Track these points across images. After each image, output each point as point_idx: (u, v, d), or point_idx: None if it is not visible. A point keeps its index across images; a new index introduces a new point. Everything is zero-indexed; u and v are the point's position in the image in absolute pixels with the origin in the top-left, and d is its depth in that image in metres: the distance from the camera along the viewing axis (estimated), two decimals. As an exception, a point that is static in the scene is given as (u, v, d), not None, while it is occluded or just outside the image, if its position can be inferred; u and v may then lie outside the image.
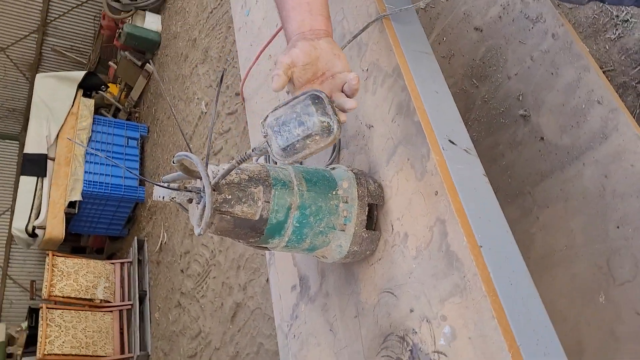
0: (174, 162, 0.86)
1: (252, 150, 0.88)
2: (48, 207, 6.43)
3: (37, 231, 6.48)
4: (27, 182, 6.48)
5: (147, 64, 6.96)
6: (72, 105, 6.65)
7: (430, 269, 0.87)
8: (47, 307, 5.38)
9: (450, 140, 0.94)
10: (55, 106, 6.56)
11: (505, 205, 1.41)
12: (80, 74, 6.85)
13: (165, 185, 0.88)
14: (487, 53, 1.56)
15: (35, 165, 6.44)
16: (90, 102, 6.77)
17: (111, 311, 5.90)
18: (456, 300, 0.81)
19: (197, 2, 5.69)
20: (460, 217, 0.83)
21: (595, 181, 1.22)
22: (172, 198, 0.87)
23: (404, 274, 0.92)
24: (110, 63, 7.71)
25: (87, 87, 7.09)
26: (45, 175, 6.43)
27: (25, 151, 6.52)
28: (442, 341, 0.82)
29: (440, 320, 0.83)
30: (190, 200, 0.88)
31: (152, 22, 6.96)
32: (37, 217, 6.46)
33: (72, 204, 6.48)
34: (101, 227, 7.13)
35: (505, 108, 1.47)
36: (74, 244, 8.30)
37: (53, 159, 6.48)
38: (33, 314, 6.46)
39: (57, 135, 6.50)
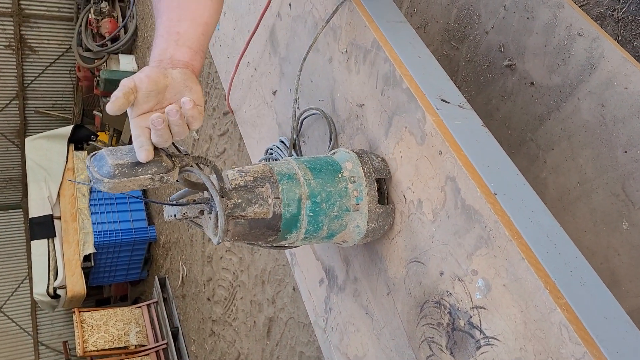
0: (177, 180, 0.86)
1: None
2: (64, 265, 6.45)
3: (58, 292, 6.50)
4: (39, 246, 6.50)
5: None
6: (67, 161, 6.68)
7: (450, 228, 0.87)
8: (84, 364, 5.38)
9: (442, 100, 0.94)
10: (50, 166, 6.59)
11: (511, 157, 1.41)
12: (68, 129, 6.88)
13: (174, 203, 0.88)
14: (459, 13, 1.56)
15: (43, 227, 6.46)
16: (84, 154, 6.80)
17: (148, 354, 5.89)
18: (483, 251, 0.81)
19: (166, 33, 5.70)
20: (469, 170, 0.83)
21: (593, 112, 1.22)
22: (184, 214, 0.87)
23: (426, 239, 0.92)
24: (95, 112, 7.74)
25: (78, 141, 7.12)
26: (55, 235, 6.45)
27: (30, 216, 6.54)
28: (478, 295, 0.82)
29: (472, 275, 0.83)
30: (202, 212, 0.88)
31: (127, 64, 6.98)
32: (55, 278, 6.47)
33: (87, 258, 6.50)
34: (120, 274, 7.15)
35: (490, 62, 1.47)
36: (98, 297, 8.33)
37: (59, 218, 6.50)
38: (72, 373, 6.47)
39: (58, 194, 6.52)
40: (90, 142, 7.39)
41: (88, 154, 6.17)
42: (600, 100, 1.21)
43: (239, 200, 0.89)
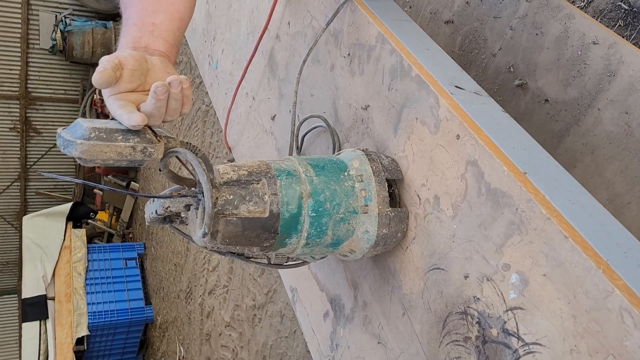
0: (160, 170, 0.76)
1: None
2: (55, 349, 6.13)
3: (48, 379, 6.14)
4: (30, 329, 6.22)
5: (133, 182, 6.95)
6: (64, 239, 6.54)
7: (474, 220, 0.75)
8: None
9: (456, 86, 0.86)
10: (47, 244, 6.44)
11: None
12: (67, 207, 6.80)
13: (156, 195, 0.77)
14: (464, 40, 1.51)
15: (36, 308, 6.22)
16: (82, 232, 6.66)
17: None
18: (515, 239, 0.69)
19: (169, 109, 5.76)
20: (492, 150, 0.73)
21: (617, 121, 1.13)
22: (166, 208, 0.76)
23: (446, 240, 0.80)
24: (96, 191, 7.71)
25: (76, 218, 7.02)
26: (48, 317, 6.19)
27: (23, 297, 6.30)
28: (512, 294, 0.69)
29: (504, 272, 0.71)
30: (187, 207, 0.77)
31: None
32: (45, 363, 6.14)
33: (80, 341, 6.19)
34: (114, 360, 6.80)
35: (499, 85, 1.40)
36: (90, 387, 7.86)
37: (53, 298, 6.26)
38: None
39: (53, 273, 6.32)
40: (90, 220, 7.29)
41: (87, 234, 5.97)
42: (623, 107, 1.12)
43: (231, 197, 0.78)
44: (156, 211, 0.76)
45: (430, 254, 0.83)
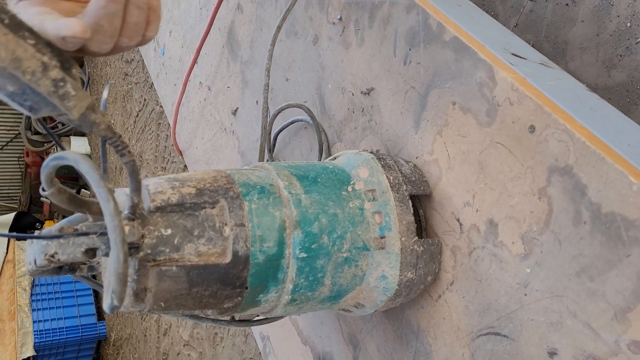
0: (42, 190, 0.44)
1: None
2: (-2, 373, 5.63)
3: (-10, 405, 5.63)
4: (-30, 351, 5.69)
5: (83, 189, 6.48)
6: (7, 253, 6.03)
7: (568, 265, 0.46)
8: None
9: (514, 54, 0.57)
10: (-13, 259, 5.92)
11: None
12: (9, 217, 6.29)
13: (36, 235, 0.45)
14: (468, 17, 1.23)
15: (-25, 329, 5.69)
16: (27, 244, 6.15)
17: None
18: (656, 301, 0.41)
19: (121, 110, 5.36)
20: (603, 150, 0.44)
21: (686, 111, 0.87)
22: (51, 256, 0.44)
23: (512, 290, 0.51)
24: (43, 199, 7.19)
25: (21, 229, 6.49)
26: (-11, 338, 5.67)
27: (-39, 316, 5.77)
28: (650, 393, 0.41)
29: (631, 353, 0.42)
30: (91, 253, 0.45)
31: (79, 146, 6.58)
32: (-13, 388, 5.63)
33: (25, 362, 5.70)
34: (64, 381, 6.30)
35: (517, 69, 1.13)
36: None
37: (-5, 317, 5.75)
38: None
39: (-5, 290, 5.81)
40: (36, 232, 6.77)
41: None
42: (694, 92, 0.86)
43: (168, 232, 0.47)
44: (35, 261, 0.45)
45: (481, 311, 0.54)
